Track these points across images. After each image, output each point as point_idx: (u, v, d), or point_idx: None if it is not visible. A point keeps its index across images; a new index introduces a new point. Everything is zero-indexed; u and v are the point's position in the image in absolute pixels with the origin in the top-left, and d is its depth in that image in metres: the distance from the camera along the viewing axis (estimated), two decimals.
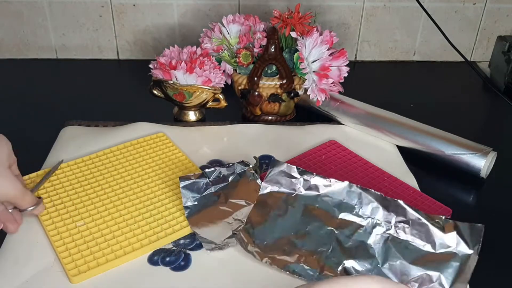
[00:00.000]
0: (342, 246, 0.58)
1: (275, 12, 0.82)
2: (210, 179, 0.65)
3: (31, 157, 0.74)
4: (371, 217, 0.60)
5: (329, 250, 0.57)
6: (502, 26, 1.10)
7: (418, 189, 0.69)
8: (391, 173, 0.72)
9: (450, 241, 0.56)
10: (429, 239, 0.57)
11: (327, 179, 0.63)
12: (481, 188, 0.73)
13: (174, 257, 0.58)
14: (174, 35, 1.07)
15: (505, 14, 1.09)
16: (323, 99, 0.81)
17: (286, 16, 0.80)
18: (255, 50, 0.82)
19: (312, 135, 0.81)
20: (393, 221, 0.59)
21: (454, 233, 0.56)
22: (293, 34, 0.80)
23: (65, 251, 0.57)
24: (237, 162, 0.67)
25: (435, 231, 0.57)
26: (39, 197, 0.63)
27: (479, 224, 0.56)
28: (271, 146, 0.78)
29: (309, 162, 0.74)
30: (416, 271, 0.54)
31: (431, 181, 0.73)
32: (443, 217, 0.58)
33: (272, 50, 0.80)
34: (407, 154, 0.77)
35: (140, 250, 0.58)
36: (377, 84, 1.05)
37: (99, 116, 0.86)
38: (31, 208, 0.59)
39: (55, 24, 1.06)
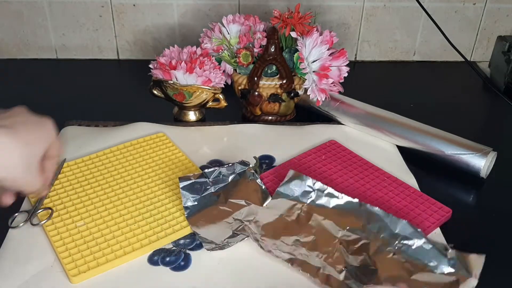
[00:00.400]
0: (343, 253, 0.57)
1: (275, 12, 0.82)
2: (210, 179, 0.65)
3: None
4: (378, 235, 0.59)
5: (332, 258, 0.57)
6: (502, 26, 1.10)
7: (418, 189, 0.69)
8: (391, 173, 0.72)
9: (451, 267, 0.55)
10: (431, 260, 0.56)
11: (339, 194, 0.63)
12: (481, 188, 0.73)
13: (174, 257, 0.58)
14: (174, 35, 1.08)
15: (505, 14, 1.09)
16: (323, 99, 0.81)
17: (286, 16, 0.80)
18: (255, 50, 0.82)
19: (312, 135, 0.81)
20: (398, 240, 0.58)
21: (456, 259, 0.55)
22: (293, 34, 0.80)
23: (65, 251, 0.57)
24: (237, 162, 0.67)
25: (437, 254, 0.56)
26: (50, 208, 0.63)
27: (482, 254, 0.54)
28: (271, 146, 0.78)
29: (309, 162, 0.74)
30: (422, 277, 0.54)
31: (431, 181, 0.73)
32: (447, 245, 0.56)
33: (272, 50, 0.80)
34: (407, 154, 0.77)
35: (140, 250, 0.58)
36: (377, 84, 1.05)
37: (99, 116, 0.86)
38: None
39: (55, 24, 1.06)
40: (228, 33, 0.85)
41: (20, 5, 1.03)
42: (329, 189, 0.64)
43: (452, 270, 0.54)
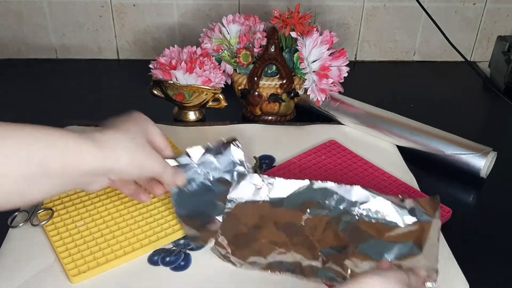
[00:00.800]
0: (313, 238, 0.59)
1: (275, 12, 0.82)
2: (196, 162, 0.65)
3: None
4: (337, 207, 0.62)
5: (305, 247, 0.58)
6: (502, 26, 1.10)
7: (418, 189, 0.69)
8: (391, 173, 0.72)
9: (412, 215, 0.59)
10: (393, 215, 0.60)
11: (289, 180, 0.64)
12: (481, 188, 0.73)
13: (174, 257, 0.58)
14: (174, 35, 1.08)
15: (505, 14, 1.09)
16: (323, 99, 0.81)
17: (286, 16, 0.80)
18: (255, 50, 0.82)
19: (312, 135, 0.81)
20: (358, 206, 0.61)
21: (414, 207, 0.60)
22: (293, 34, 0.80)
23: (65, 251, 0.57)
24: (222, 145, 0.67)
25: (397, 209, 0.60)
26: (51, 209, 0.63)
27: (435, 195, 0.60)
28: (271, 146, 0.78)
29: (309, 162, 0.74)
30: (392, 247, 0.56)
31: (431, 181, 0.73)
32: (400, 196, 0.61)
33: (272, 50, 0.80)
34: (407, 154, 0.77)
35: (140, 250, 0.58)
36: (377, 84, 1.05)
37: (99, 116, 0.85)
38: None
39: (55, 24, 1.06)
40: (228, 33, 0.85)
41: (20, 5, 1.03)
42: (277, 179, 0.64)
43: (414, 219, 0.58)
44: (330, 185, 0.63)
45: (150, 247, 0.58)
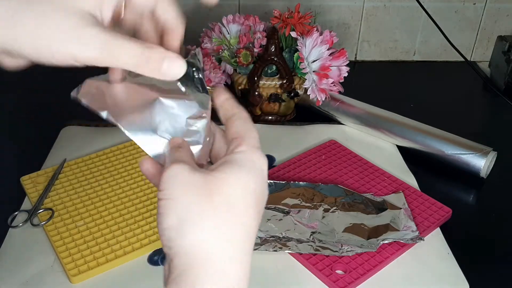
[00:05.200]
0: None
1: (275, 12, 0.82)
2: None
3: (31, 157, 0.74)
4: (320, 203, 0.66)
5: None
6: (502, 26, 1.10)
7: (418, 189, 0.69)
8: (391, 173, 0.72)
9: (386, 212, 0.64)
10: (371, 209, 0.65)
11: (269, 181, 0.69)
12: (481, 188, 0.73)
13: None
14: None
15: (505, 14, 1.09)
16: (323, 99, 0.81)
17: (286, 16, 0.80)
18: (255, 50, 0.82)
19: (312, 135, 0.81)
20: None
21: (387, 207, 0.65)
22: (293, 34, 0.80)
23: (65, 251, 0.57)
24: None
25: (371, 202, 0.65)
26: (51, 209, 0.63)
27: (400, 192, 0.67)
28: (271, 146, 0.78)
29: (309, 162, 0.74)
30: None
31: (431, 181, 0.73)
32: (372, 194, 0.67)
33: (272, 50, 0.80)
34: (407, 154, 0.77)
35: (140, 250, 0.58)
36: (377, 84, 1.05)
37: (99, 116, 0.85)
38: None
39: None
40: (228, 33, 0.85)
41: None
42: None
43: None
44: (302, 184, 0.68)
45: (150, 247, 0.58)
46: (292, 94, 0.83)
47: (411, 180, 0.71)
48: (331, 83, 0.80)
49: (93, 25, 0.33)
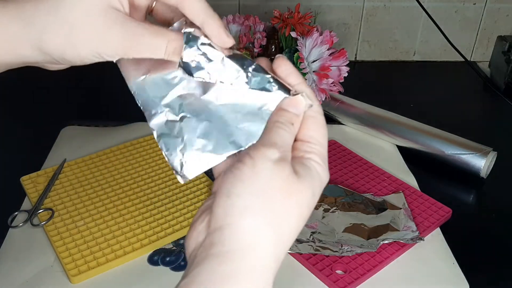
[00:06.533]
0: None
1: (275, 12, 0.82)
2: None
3: (31, 157, 0.74)
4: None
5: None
6: (502, 26, 1.10)
7: (418, 189, 0.69)
8: (391, 173, 0.72)
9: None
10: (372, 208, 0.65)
11: None
12: (481, 188, 0.73)
13: (174, 257, 0.58)
14: None
15: (505, 14, 1.09)
16: (323, 99, 0.81)
17: (286, 16, 0.80)
18: (255, 50, 0.82)
19: None
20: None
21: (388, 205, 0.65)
22: (293, 34, 0.80)
23: (65, 251, 0.57)
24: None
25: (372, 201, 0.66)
26: (51, 209, 0.63)
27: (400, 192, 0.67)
28: None
29: None
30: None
31: (431, 181, 0.73)
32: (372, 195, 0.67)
33: (272, 50, 0.80)
34: (407, 154, 0.77)
35: (140, 250, 0.58)
36: (377, 84, 1.05)
37: (99, 116, 0.86)
38: None
39: None
40: None
41: None
42: None
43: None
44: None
45: (150, 247, 0.58)
46: None
47: (411, 180, 0.71)
48: (331, 83, 0.80)
49: (115, 23, 0.35)
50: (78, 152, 0.74)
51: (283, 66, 0.36)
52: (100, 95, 0.95)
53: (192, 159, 0.36)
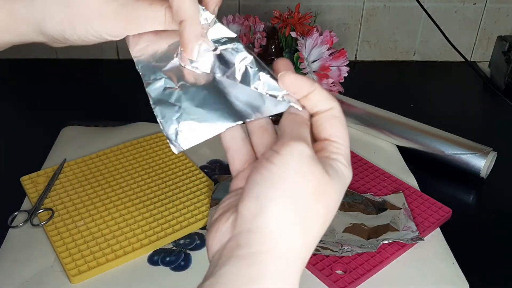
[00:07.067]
0: None
1: (275, 12, 0.82)
2: None
3: (31, 157, 0.74)
4: None
5: None
6: (502, 26, 1.10)
7: (418, 189, 0.69)
8: (391, 173, 0.72)
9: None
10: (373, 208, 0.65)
11: None
12: (481, 188, 0.73)
13: (174, 257, 0.58)
14: None
15: (505, 14, 1.09)
16: None
17: (286, 16, 0.80)
18: (255, 50, 0.82)
19: None
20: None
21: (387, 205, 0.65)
22: (293, 34, 0.80)
23: (65, 251, 0.57)
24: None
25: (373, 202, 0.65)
26: (51, 209, 0.63)
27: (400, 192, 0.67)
28: None
29: None
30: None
31: (431, 181, 0.73)
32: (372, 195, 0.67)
33: (272, 50, 0.80)
34: (407, 154, 0.77)
35: (140, 250, 0.58)
36: (377, 84, 1.05)
37: (99, 116, 0.86)
38: None
39: None
40: None
41: None
42: None
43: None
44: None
45: (150, 247, 0.58)
46: None
47: (411, 180, 0.71)
48: (331, 83, 0.80)
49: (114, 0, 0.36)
50: (78, 152, 0.74)
51: (292, 81, 0.36)
52: (100, 95, 0.95)
53: (188, 129, 0.34)
